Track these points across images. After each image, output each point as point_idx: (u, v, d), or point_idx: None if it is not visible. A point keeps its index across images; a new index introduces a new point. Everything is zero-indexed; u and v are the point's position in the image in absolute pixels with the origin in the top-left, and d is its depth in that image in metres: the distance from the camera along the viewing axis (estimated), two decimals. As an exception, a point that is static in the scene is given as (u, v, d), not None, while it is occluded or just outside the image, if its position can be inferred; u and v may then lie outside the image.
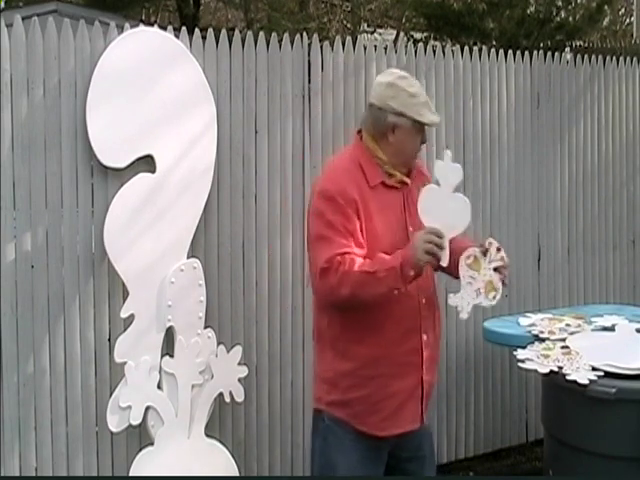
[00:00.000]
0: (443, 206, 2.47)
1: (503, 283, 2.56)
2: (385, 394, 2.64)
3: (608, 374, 2.95)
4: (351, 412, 2.65)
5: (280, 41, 3.64)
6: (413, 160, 2.76)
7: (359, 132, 2.76)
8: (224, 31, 3.60)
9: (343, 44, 3.80)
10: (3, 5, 8.54)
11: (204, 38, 3.45)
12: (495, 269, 2.56)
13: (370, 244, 2.58)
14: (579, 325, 3.50)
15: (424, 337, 2.66)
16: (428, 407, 2.75)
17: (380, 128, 2.67)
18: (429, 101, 2.70)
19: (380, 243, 2.59)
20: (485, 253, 2.56)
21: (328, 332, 2.68)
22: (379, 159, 2.68)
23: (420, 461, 2.83)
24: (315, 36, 3.75)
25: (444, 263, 2.47)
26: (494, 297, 2.54)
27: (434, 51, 4.12)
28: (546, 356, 3.11)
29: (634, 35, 13.33)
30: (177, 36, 3.37)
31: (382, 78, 2.73)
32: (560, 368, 3.01)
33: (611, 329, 3.44)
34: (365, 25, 15.60)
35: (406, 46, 4.02)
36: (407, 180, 2.70)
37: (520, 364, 3.15)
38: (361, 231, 2.58)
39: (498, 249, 2.57)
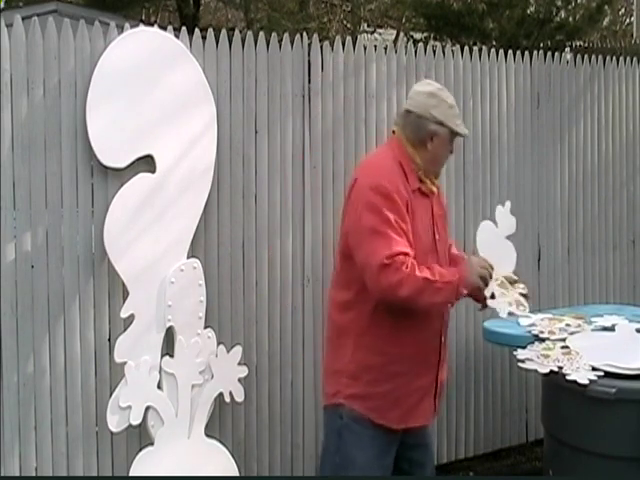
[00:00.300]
0: (496, 244, 2.85)
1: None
2: (406, 390, 2.76)
3: (608, 374, 2.96)
4: (371, 406, 2.73)
5: (280, 41, 3.64)
6: (441, 169, 2.96)
7: (393, 132, 2.89)
8: (224, 31, 3.60)
9: (343, 44, 3.80)
10: (3, 5, 8.54)
11: (204, 38, 3.45)
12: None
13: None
14: (579, 325, 3.50)
15: (442, 339, 2.85)
16: (440, 404, 2.93)
17: (420, 136, 2.81)
18: (460, 114, 2.93)
19: (416, 246, 2.72)
20: (508, 280, 2.91)
21: (352, 327, 2.76)
22: (416, 164, 2.81)
23: (423, 449, 2.98)
24: (315, 36, 3.75)
25: (487, 293, 2.77)
26: (524, 309, 2.90)
27: (434, 51, 4.12)
28: (546, 356, 3.11)
29: (634, 35, 13.33)
30: (177, 36, 3.37)
31: (422, 88, 2.90)
32: (560, 368, 3.01)
33: (611, 329, 3.44)
34: (365, 25, 15.61)
35: (406, 46, 4.01)
36: (435, 190, 2.88)
37: (520, 364, 3.15)
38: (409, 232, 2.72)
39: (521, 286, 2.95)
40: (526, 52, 4.42)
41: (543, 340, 3.28)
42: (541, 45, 9.68)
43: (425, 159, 2.82)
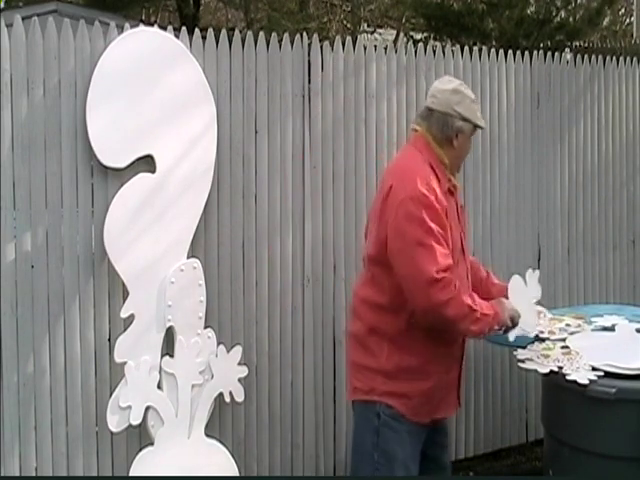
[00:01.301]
0: (522, 300, 3.05)
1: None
2: (439, 386, 2.86)
3: (608, 374, 2.96)
4: (408, 403, 2.81)
5: (280, 41, 3.64)
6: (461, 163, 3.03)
7: (416, 133, 2.93)
8: (224, 31, 3.60)
9: (343, 44, 3.80)
10: (3, 5, 8.54)
11: (204, 38, 3.45)
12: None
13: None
14: (579, 325, 3.50)
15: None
16: (461, 396, 3.08)
17: (447, 133, 2.85)
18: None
19: (452, 249, 2.80)
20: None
21: (387, 329, 2.81)
22: (444, 164, 2.85)
23: (445, 449, 3.13)
24: (315, 36, 3.75)
25: (511, 338, 2.99)
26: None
27: (434, 51, 4.11)
28: (546, 356, 3.11)
29: (634, 35, 13.33)
30: (177, 36, 3.37)
31: (443, 85, 2.92)
32: (560, 368, 3.01)
33: (611, 329, 3.44)
34: (365, 25, 15.61)
35: (406, 46, 4.01)
36: (459, 185, 2.96)
37: (520, 364, 3.15)
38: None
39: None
40: (526, 52, 4.41)
41: (543, 340, 3.27)
42: (541, 45, 9.67)
43: (451, 156, 2.88)
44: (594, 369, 2.98)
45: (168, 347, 3.31)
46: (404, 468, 2.83)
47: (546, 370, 3.04)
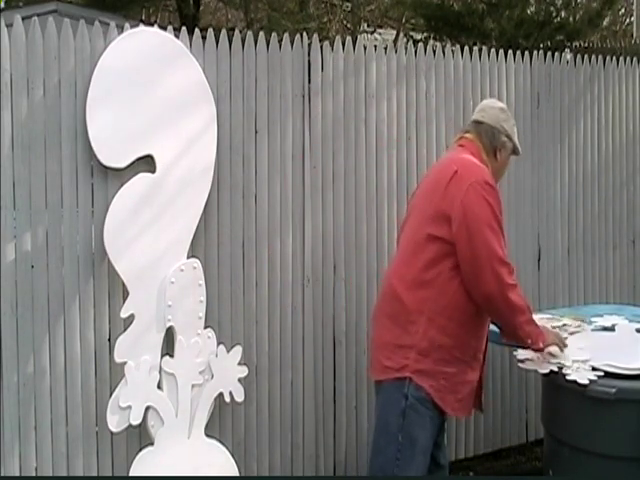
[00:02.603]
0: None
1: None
2: (462, 379, 2.95)
3: (608, 374, 2.96)
4: (435, 384, 2.89)
5: (280, 41, 3.64)
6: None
7: (465, 139, 3.11)
8: (224, 31, 3.59)
9: (343, 44, 3.80)
10: (3, 5, 8.54)
11: (204, 38, 3.45)
12: None
13: None
14: (579, 325, 3.50)
15: (486, 341, 3.10)
16: (481, 401, 3.16)
17: (494, 145, 3.08)
18: None
19: None
20: None
21: (427, 305, 2.90)
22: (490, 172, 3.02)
23: (441, 448, 3.19)
24: (315, 36, 3.75)
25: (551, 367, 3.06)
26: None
27: (434, 51, 4.11)
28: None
29: (634, 35, 13.32)
30: (177, 36, 3.37)
31: (493, 104, 3.25)
32: (560, 368, 3.01)
33: (611, 329, 3.44)
34: (365, 25, 15.61)
35: (406, 46, 4.01)
36: None
37: (520, 364, 3.15)
38: None
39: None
40: (526, 52, 4.41)
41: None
42: (541, 45, 9.67)
43: (493, 169, 3.05)
44: (594, 369, 2.98)
45: (168, 347, 3.31)
46: (423, 454, 2.92)
47: (546, 370, 3.05)
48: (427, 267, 2.90)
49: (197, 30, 3.47)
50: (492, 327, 3.59)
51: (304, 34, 3.73)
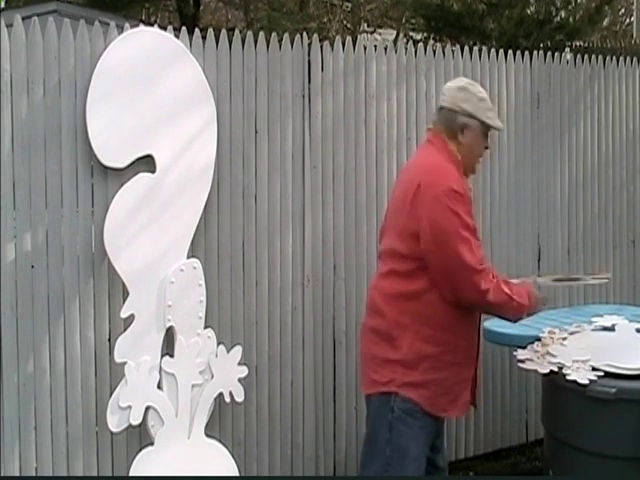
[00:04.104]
0: None
1: None
2: (457, 380, 2.93)
3: (608, 374, 2.96)
4: (425, 393, 2.86)
5: (280, 41, 3.64)
6: (476, 164, 3.06)
7: (431, 131, 3.02)
8: (224, 31, 3.59)
9: (343, 44, 3.80)
10: (3, 5, 8.54)
11: (204, 38, 3.44)
12: None
13: None
14: (579, 325, 3.50)
15: (480, 333, 3.06)
16: (476, 397, 3.09)
17: (453, 128, 2.95)
18: (494, 108, 3.05)
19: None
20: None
21: (413, 317, 2.87)
22: (460, 162, 2.94)
23: (440, 451, 3.15)
24: (315, 36, 3.75)
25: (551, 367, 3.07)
26: None
27: (434, 51, 4.12)
28: (545, 345, 3.16)
29: (634, 35, 13.33)
30: (177, 36, 3.37)
31: (453, 84, 3.07)
32: (560, 368, 3.01)
33: (611, 329, 3.44)
34: (365, 25, 15.61)
35: (406, 46, 4.01)
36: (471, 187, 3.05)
37: (520, 364, 3.15)
38: None
39: None
40: (526, 52, 4.41)
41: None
42: (541, 45, 9.67)
43: (462, 153, 2.95)
44: (594, 369, 2.98)
45: (168, 347, 3.31)
46: (417, 464, 2.89)
47: (546, 370, 3.05)
48: (405, 281, 2.87)
49: (197, 30, 3.47)
50: (491, 328, 3.61)
51: (304, 34, 3.73)
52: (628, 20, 17.00)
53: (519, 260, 4.29)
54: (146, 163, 3.25)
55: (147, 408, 3.22)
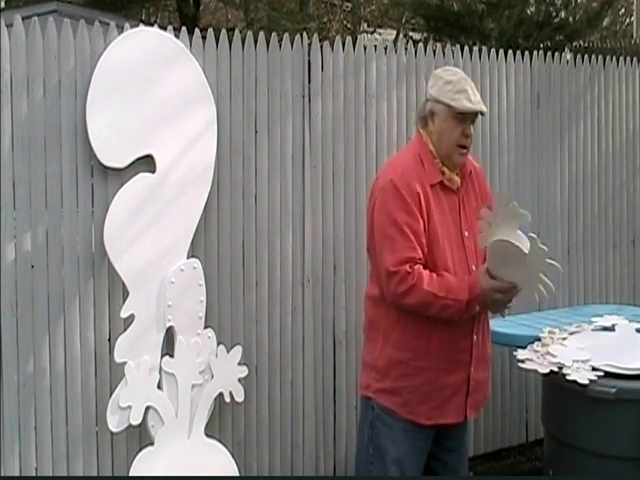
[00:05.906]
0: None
1: None
2: (434, 386, 2.77)
3: (608, 374, 2.96)
4: (400, 401, 2.76)
5: (280, 41, 3.64)
6: (456, 153, 2.79)
7: (418, 130, 2.89)
8: (224, 31, 3.59)
9: (343, 44, 3.80)
10: (3, 5, 8.54)
11: (204, 38, 3.45)
12: None
13: (429, 244, 2.70)
14: (579, 325, 3.50)
15: (474, 338, 2.82)
16: (476, 403, 2.88)
17: (422, 116, 2.84)
18: (469, 90, 2.76)
19: (438, 245, 2.71)
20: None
21: (382, 322, 2.79)
22: (432, 152, 2.78)
23: (459, 456, 2.99)
24: (315, 36, 3.75)
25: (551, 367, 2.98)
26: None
27: (434, 51, 4.12)
28: (544, 347, 3.14)
29: (634, 35, 13.33)
30: (177, 36, 3.37)
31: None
32: (560, 368, 3.01)
33: (611, 329, 3.44)
34: (365, 25, 15.61)
35: (406, 46, 4.01)
36: (458, 179, 2.81)
37: (520, 364, 3.15)
38: (424, 230, 2.69)
39: None
40: (526, 52, 4.41)
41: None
42: (541, 45, 9.67)
43: (435, 139, 2.78)
44: (594, 369, 2.98)
45: (168, 347, 3.31)
46: (397, 466, 2.77)
47: (546, 370, 3.04)
48: (376, 281, 2.82)
49: (197, 30, 3.47)
50: (491, 327, 3.60)
51: (304, 34, 3.73)
52: (628, 20, 16.99)
53: (519, 260, 4.29)
54: (146, 163, 3.25)
55: (147, 408, 3.22)
